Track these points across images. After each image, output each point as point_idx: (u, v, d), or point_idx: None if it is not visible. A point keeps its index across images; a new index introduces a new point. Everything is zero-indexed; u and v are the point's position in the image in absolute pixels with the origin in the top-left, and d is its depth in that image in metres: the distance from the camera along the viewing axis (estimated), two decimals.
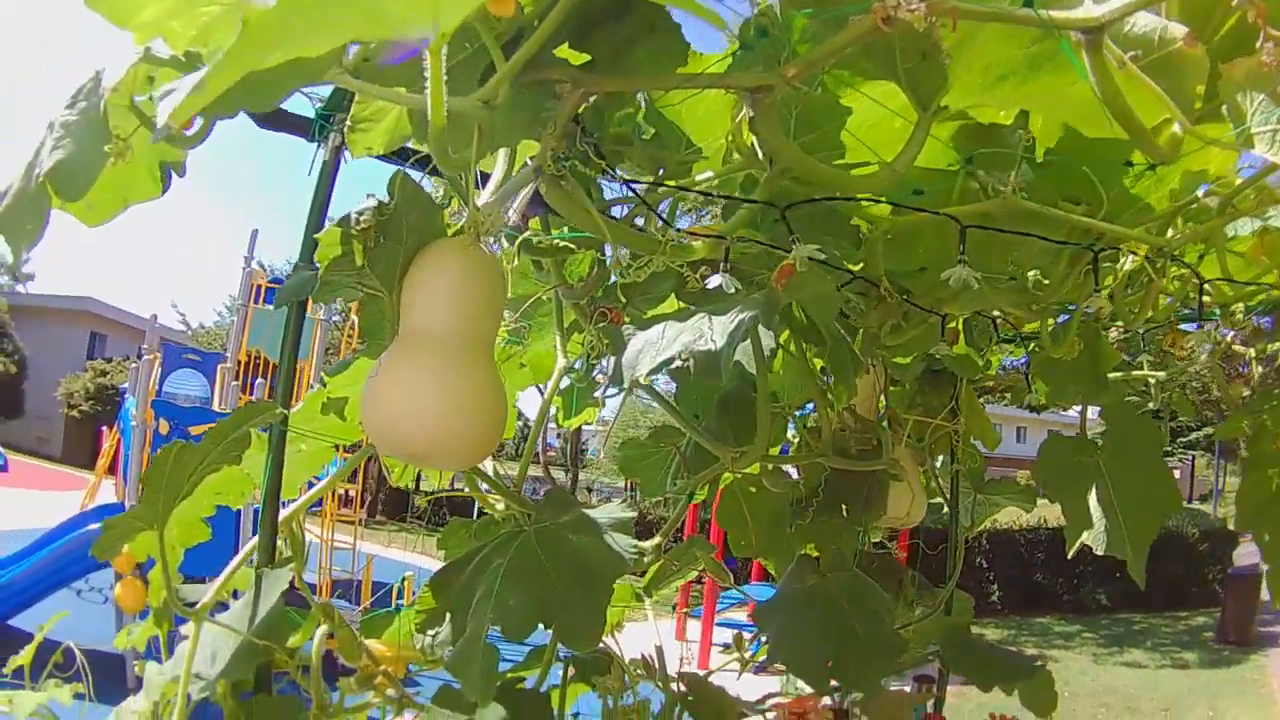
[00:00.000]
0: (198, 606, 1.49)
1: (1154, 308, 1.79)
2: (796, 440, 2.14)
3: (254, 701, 1.48)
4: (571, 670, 1.75)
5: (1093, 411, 1.91)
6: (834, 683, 1.90)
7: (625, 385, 1.34)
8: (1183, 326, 2.05)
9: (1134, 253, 1.65)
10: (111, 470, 15.11)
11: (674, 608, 14.43)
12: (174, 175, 1.53)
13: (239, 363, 14.47)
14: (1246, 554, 24.77)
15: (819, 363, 1.94)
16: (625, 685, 1.62)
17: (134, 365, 14.84)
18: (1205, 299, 1.81)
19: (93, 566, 11.89)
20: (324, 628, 1.51)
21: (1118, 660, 18.21)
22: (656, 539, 1.75)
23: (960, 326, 1.88)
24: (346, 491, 16.67)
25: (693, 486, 1.84)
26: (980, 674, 2.04)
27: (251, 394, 12.73)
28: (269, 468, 1.49)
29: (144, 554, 1.67)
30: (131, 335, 42.74)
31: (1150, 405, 2.25)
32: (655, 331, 1.37)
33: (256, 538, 1.54)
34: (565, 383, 1.81)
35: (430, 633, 1.54)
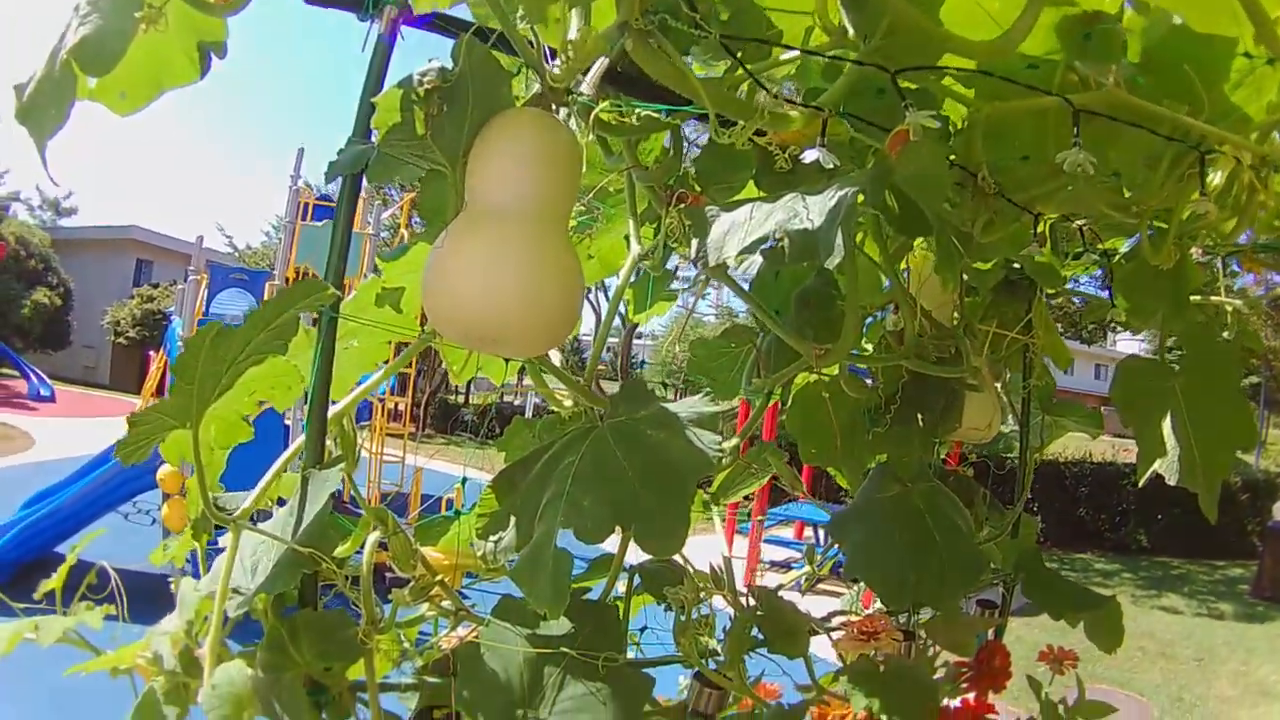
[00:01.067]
0: (236, 513, 1.39)
1: (1252, 222, 1.69)
2: (871, 346, 2.04)
3: (297, 617, 1.36)
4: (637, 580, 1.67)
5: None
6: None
7: (711, 266, 1.24)
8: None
9: (1237, 159, 1.54)
10: (159, 392, 15.10)
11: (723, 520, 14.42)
12: (213, 58, 1.44)
13: (287, 279, 14.37)
14: None
15: (902, 262, 1.85)
16: (699, 597, 1.52)
17: (181, 288, 14.86)
18: None
19: (140, 489, 11.90)
20: (375, 535, 1.39)
21: (1155, 604, 18.19)
22: (734, 440, 1.66)
23: (1047, 231, 1.78)
24: (396, 405, 16.75)
25: (771, 385, 1.73)
26: (1052, 601, 1.94)
27: None
28: (318, 357, 1.35)
29: (177, 457, 1.55)
30: (178, 261, 42.97)
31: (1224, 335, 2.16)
32: (743, 212, 1.27)
33: (303, 437, 1.42)
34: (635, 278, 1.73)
35: (493, 539, 1.42)
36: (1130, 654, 13.74)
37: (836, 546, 1.71)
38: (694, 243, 1.34)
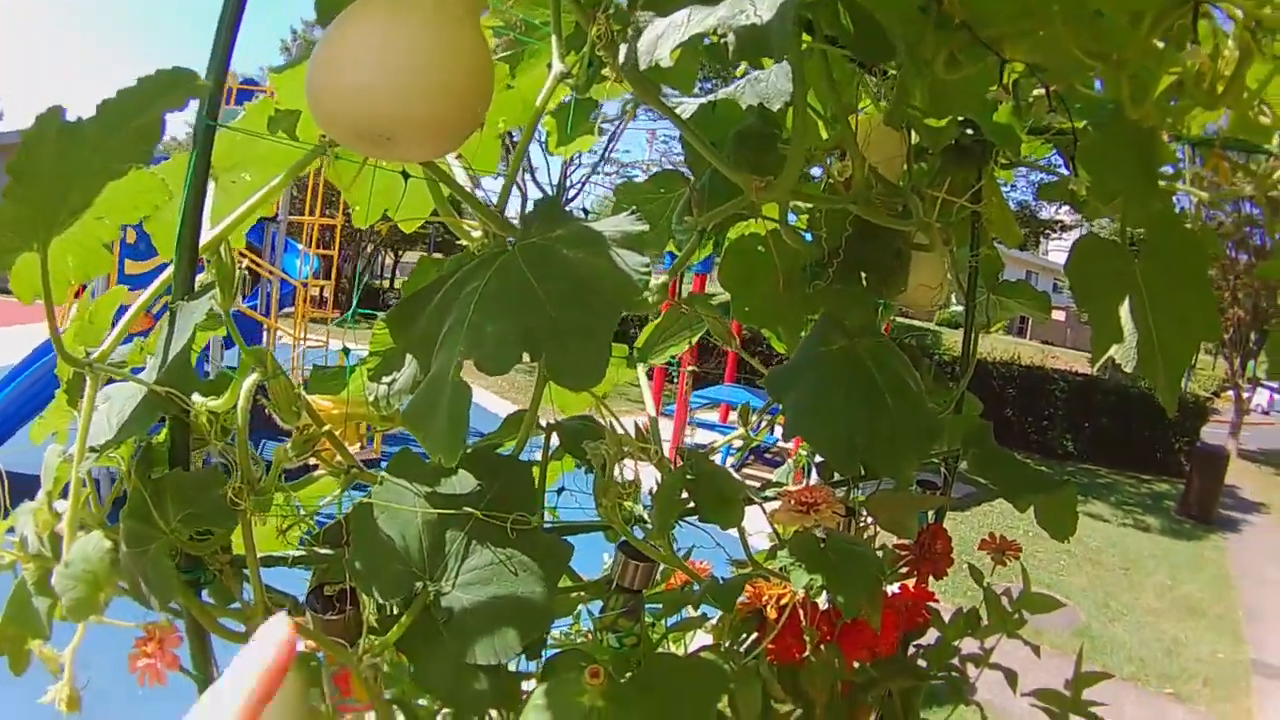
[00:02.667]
0: (92, 356, 1.21)
1: (1235, 100, 1.56)
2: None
3: (164, 478, 1.21)
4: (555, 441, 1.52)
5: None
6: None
7: (642, 68, 1.09)
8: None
9: (1231, 20, 1.40)
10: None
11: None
12: None
13: None
14: (1214, 435, 25.34)
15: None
16: (622, 453, 1.36)
17: None
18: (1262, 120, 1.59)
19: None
20: (252, 378, 1.22)
21: (1082, 509, 18.06)
22: (663, 278, 1.51)
23: (1011, 88, 1.64)
24: (321, 290, 16.54)
25: (706, 223, 1.56)
26: (1005, 480, 1.86)
27: None
28: (191, 171, 1.16)
29: (30, 291, 1.34)
30: None
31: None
32: (681, 14, 1.10)
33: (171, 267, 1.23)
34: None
35: (385, 380, 1.27)
36: (1057, 557, 13.94)
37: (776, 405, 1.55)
38: (623, 49, 1.18)
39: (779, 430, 1.66)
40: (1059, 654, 9.80)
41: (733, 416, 17.82)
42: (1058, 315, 69.13)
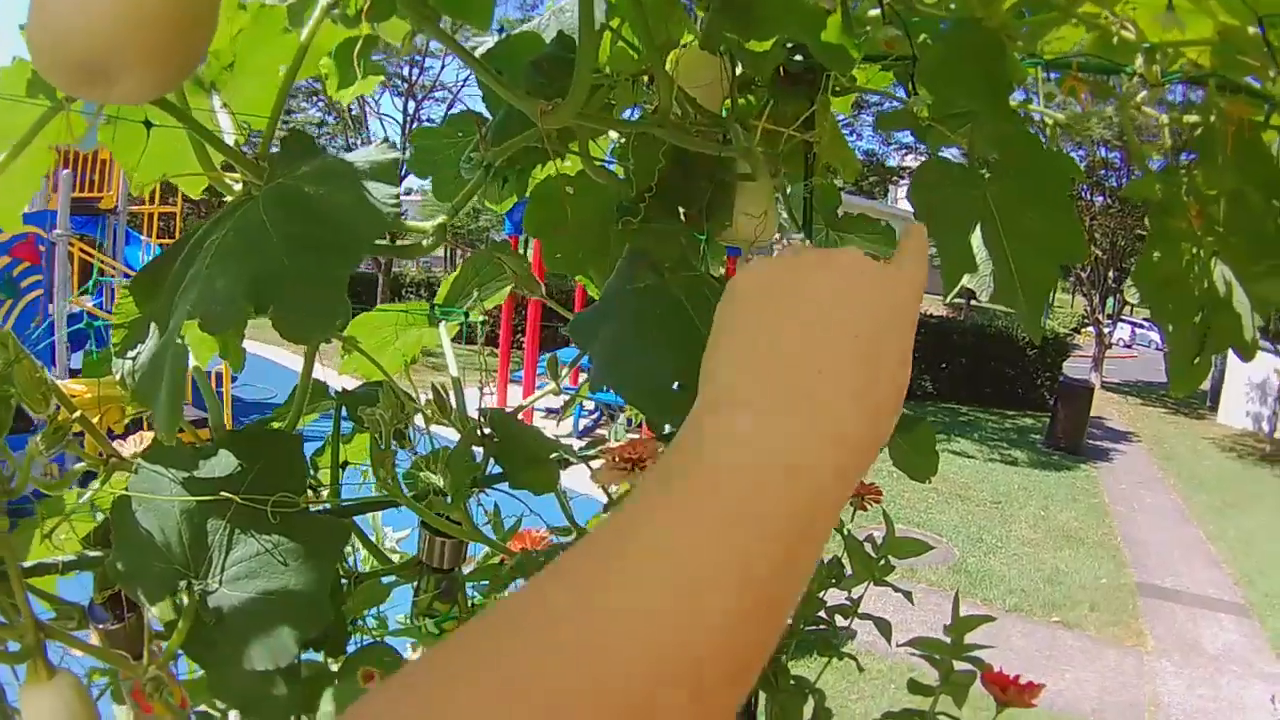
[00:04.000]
0: None
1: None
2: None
3: None
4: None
5: None
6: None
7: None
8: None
9: None
10: None
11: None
12: None
13: None
14: (1076, 369, 26.05)
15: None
16: (401, 417, 1.23)
17: None
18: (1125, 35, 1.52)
19: None
20: None
21: (945, 447, 18.80)
22: (440, 218, 1.37)
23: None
24: None
25: (494, 158, 1.43)
26: None
27: None
28: None
29: None
30: None
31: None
32: None
33: None
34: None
35: (131, 354, 1.11)
36: (925, 495, 14.13)
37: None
38: None
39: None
40: (937, 590, 9.94)
41: (583, 378, 17.63)
42: None
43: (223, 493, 1.09)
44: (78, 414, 1.16)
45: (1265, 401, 25.25)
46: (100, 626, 1.18)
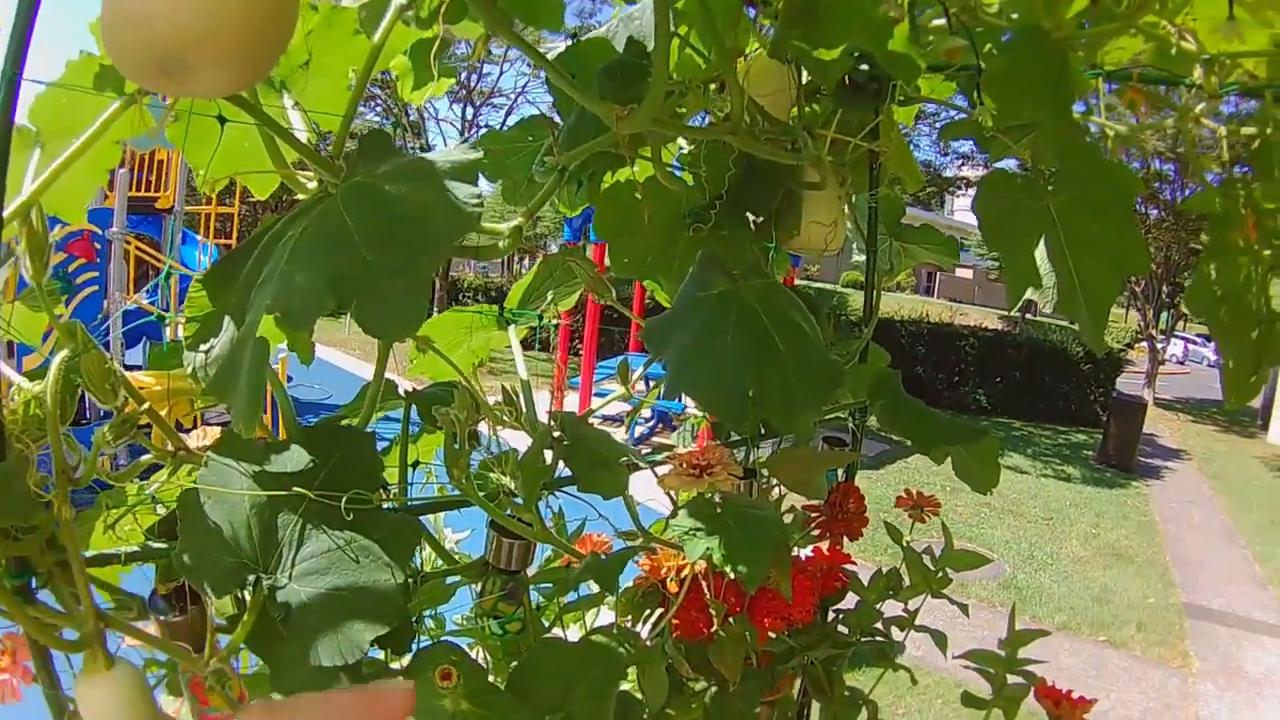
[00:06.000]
0: None
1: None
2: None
3: None
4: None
5: None
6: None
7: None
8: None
9: None
10: None
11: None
12: None
13: None
14: (1129, 385, 25.93)
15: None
16: (476, 418, 1.23)
17: None
18: (1185, 46, 1.51)
19: None
20: (62, 354, 1.06)
21: (999, 462, 18.63)
22: (516, 221, 1.37)
23: (906, 5, 1.53)
24: None
25: (568, 161, 1.43)
26: (917, 430, 1.73)
27: None
28: None
29: None
30: None
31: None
32: None
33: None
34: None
35: (203, 348, 1.11)
36: (977, 510, 14.12)
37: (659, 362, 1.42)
38: None
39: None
40: (987, 607, 9.88)
41: (642, 387, 17.66)
42: (965, 273, 70.35)
43: (295, 488, 1.09)
44: (146, 406, 1.16)
45: None
46: (161, 618, 1.18)
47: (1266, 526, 16.23)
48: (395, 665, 1.25)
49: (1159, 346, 29.22)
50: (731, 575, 1.40)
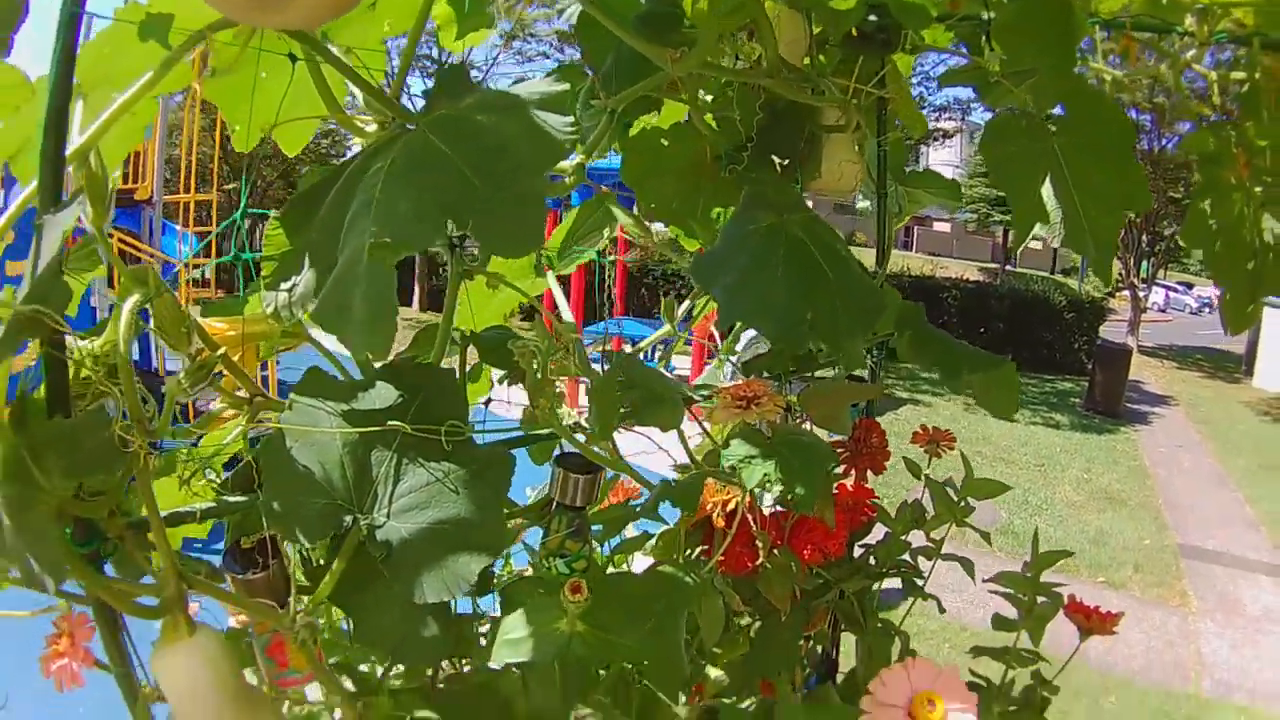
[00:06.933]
0: None
1: None
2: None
3: (41, 428, 1.02)
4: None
5: None
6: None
7: None
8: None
9: None
10: None
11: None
12: None
13: None
14: (1112, 333, 26.00)
15: None
16: (555, 348, 1.27)
17: None
18: None
19: None
20: (134, 300, 1.05)
21: (988, 413, 18.69)
22: (577, 158, 1.42)
23: None
24: (203, 272, 16.27)
25: (618, 104, 1.47)
26: (942, 360, 1.79)
27: None
28: (55, 65, 1.04)
29: None
30: None
31: None
32: None
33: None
34: None
35: (285, 286, 1.14)
36: (969, 457, 14.15)
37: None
38: None
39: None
40: (986, 553, 9.94)
41: (627, 349, 17.52)
42: (942, 227, 70.32)
43: (391, 422, 1.11)
44: (221, 351, 1.18)
45: None
46: (240, 577, 1.19)
47: (1255, 470, 16.37)
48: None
49: (1141, 295, 29.29)
50: (773, 510, 1.46)
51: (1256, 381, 27.60)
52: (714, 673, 1.58)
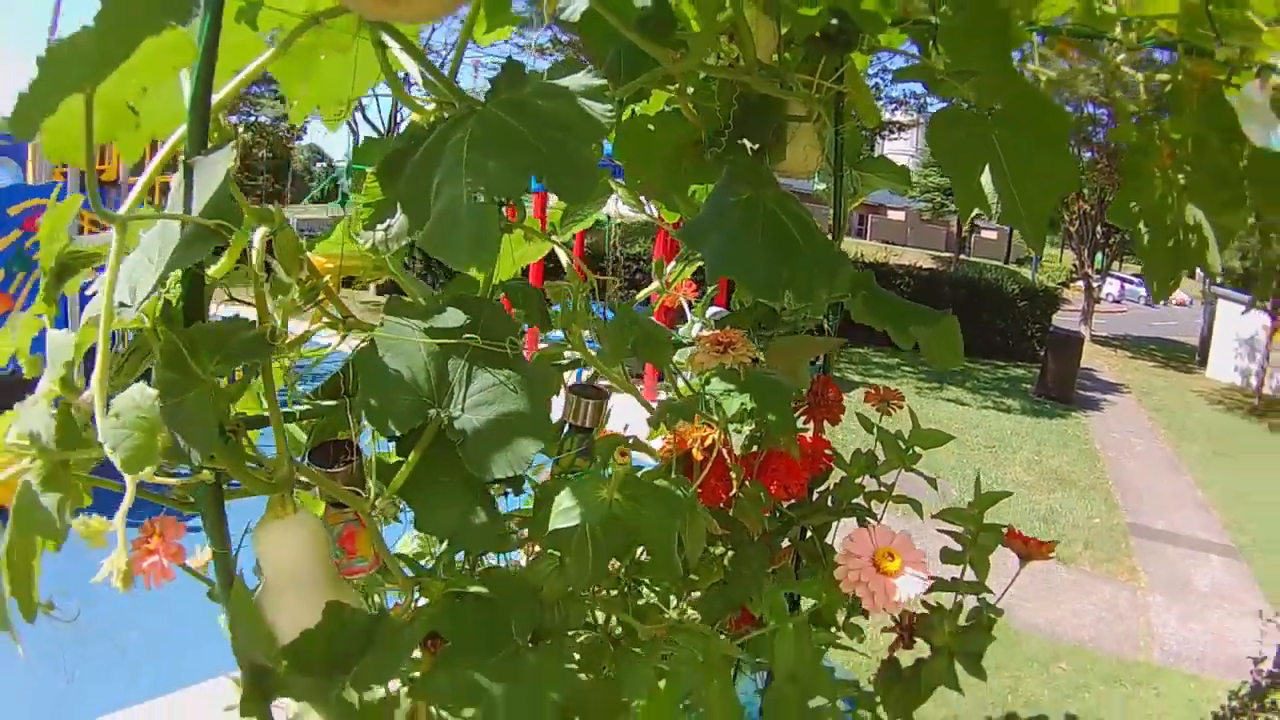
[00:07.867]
0: (121, 209, 1.22)
1: None
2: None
3: (191, 329, 1.21)
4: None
5: None
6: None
7: None
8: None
9: None
10: None
11: None
12: None
13: None
14: (1066, 323, 25.97)
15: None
16: (584, 286, 1.56)
17: None
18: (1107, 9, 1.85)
19: None
20: (262, 230, 1.24)
21: (939, 396, 19.26)
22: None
23: None
24: None
25: (624, 94, 1.77)
26: (892, 316, 2.03)
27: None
28: (205, 25, 1.22)
29: (58, 150, 1.35)
30: None
31: None
32: None
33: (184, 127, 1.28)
34: None
35: (380, 228, 1.40)
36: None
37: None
38: None
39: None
40: (935, 524, 10.14)
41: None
42: (897, 215, 69.45)
43: (466, 336, 1.39)
44: (326, 279, 1.43)
45: (1253, 357, 25.29)
46: (326, 471, 1.43)
47: (1209, 456, 16.64)
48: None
49: (1095, 285, 29.39)
50: (743, 450, 1.75)
51: (1210, 372, 27.91)
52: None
